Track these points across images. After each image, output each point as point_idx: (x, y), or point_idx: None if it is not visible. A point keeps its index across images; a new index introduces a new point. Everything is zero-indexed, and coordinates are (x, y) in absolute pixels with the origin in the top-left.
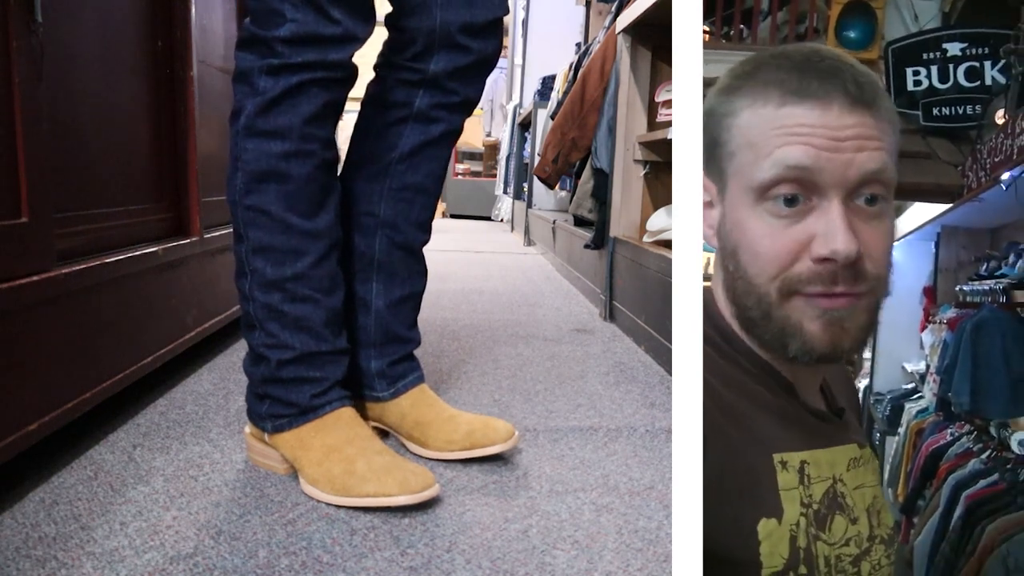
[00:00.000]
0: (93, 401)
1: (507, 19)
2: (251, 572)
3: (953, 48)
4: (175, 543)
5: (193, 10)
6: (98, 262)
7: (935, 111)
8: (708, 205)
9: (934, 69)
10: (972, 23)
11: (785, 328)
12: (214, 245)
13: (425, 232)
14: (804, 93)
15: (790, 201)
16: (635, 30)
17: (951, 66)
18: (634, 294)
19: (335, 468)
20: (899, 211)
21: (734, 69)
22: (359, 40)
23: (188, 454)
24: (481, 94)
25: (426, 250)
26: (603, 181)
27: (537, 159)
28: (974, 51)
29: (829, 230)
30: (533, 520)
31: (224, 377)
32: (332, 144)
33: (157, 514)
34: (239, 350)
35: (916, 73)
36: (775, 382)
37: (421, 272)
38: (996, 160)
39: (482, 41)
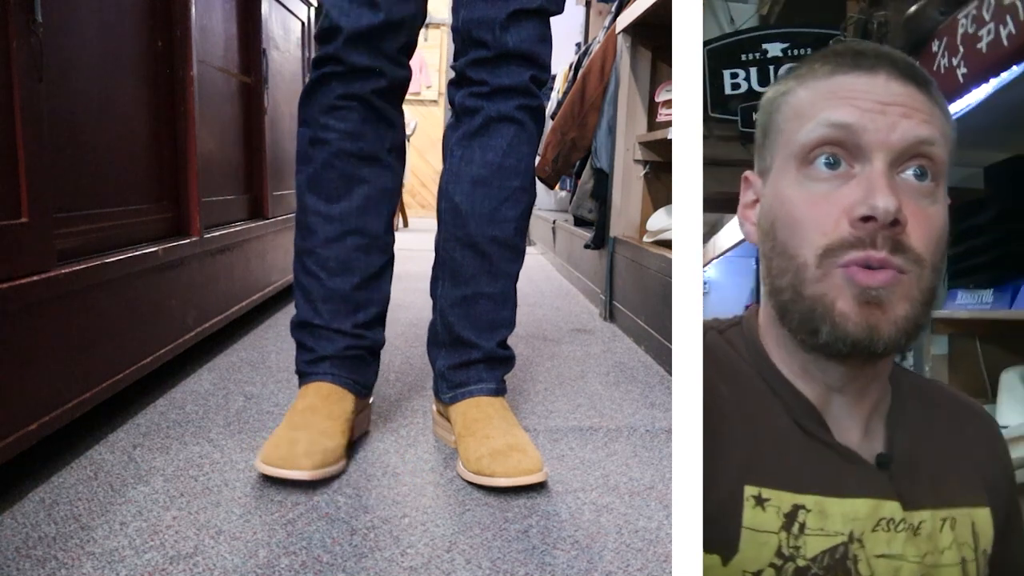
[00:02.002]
0: (93, 401)
1: None
2: (251, 572)
3: (774, 49)
4: (175, 543)
5: (193, 10)
6: (98, 262)
7: (755, 116)
8: (752, 205)
9: (753, 71)
10: (793, 23)
11: (816, 308)
12: (214, 245)
13: (493, 225)
14: (854, 65)
15: (831, 164)
16: (635, 30)
17: (772, 67)
18: (634, 294)
19: (278, 433)
20: (716, 227)
21: (794, 67)
22: (371, 34)
23: (188, 454)
24: (522, 79)
25: (424, 250)
26: (603, 181)
27: (537, 159)
28: (796, 51)
29: (870, 189)
30: (533, 520)
31: (224, 377)
32: (354, 136)
33: (157, 514)
34: (239, 350)
35: (734, 76)
36: (798, 406)
37: (493, 272)
38: None
39: (500, 34)
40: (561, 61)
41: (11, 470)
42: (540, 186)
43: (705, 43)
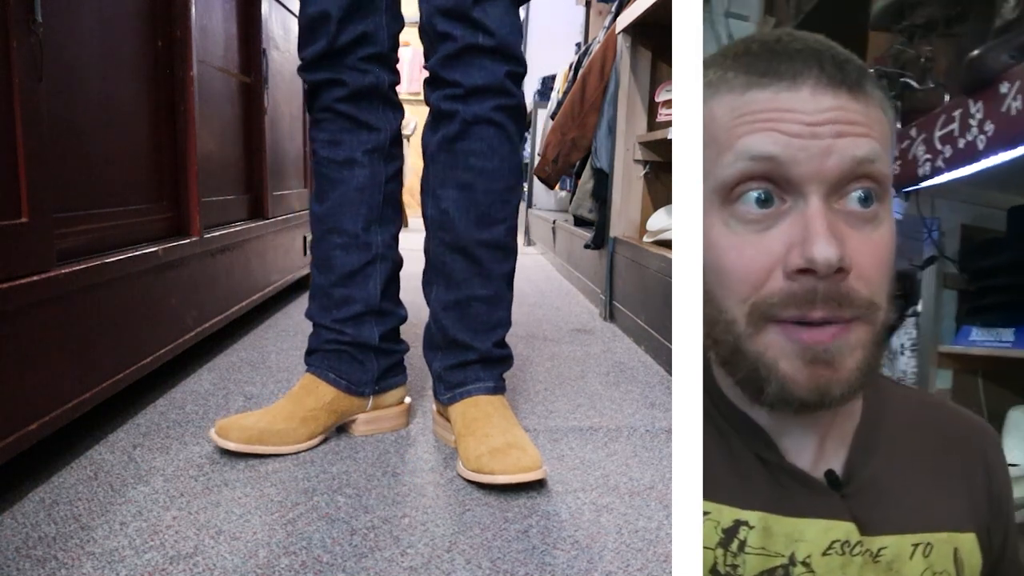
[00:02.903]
0: (93, 401)
1: None
2: (251, 572)
3: None
4: (175, 543)
5: (193, 10)
6: (98, 262)
7: None
8: None
9: None
10: None
11: (759, 367)
12: (214, 245)
13: (481, 230)
14: (771, 74)
15: (761, 201)
16: (635, 30)
17: None
18: (634, 294)
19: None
20: None
21: (707, 60)
22: (324, 56)
23: (188, 454)
24: (497, 77)
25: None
26: (603, 181)
27: (537, 159)
28: None
29: (806, 233)
30: (533, 520)
31: (224, 377)
32: (332, 143)
33: (157, 514)
34: (239, 350)
35: None
36: (745, 430)
37: (485, 275)
38: None
39: (465, 26)
40: (561, 61)
41: (11, 470)
42: (540, 186)
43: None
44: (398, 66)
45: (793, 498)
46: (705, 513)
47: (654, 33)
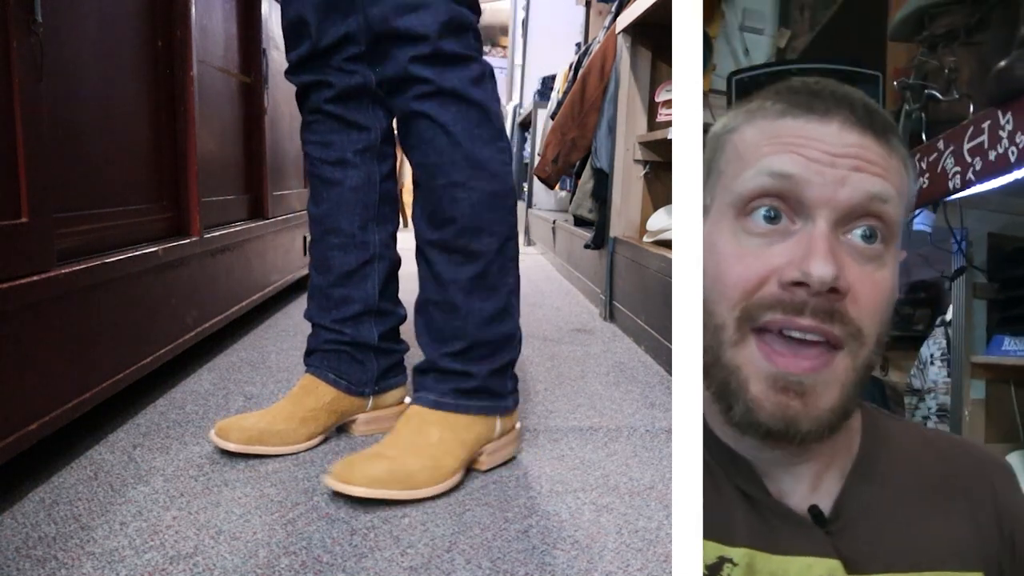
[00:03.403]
0: (93, 401)
1: (507, 19)
2: (251, 572)
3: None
4: (175, 543)
5: (193, 10)
6: (98, 262)
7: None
8: None
9: None
10: (824, 59)
11: (731, 381)
12: (214, 245)
13: (432, 230)
14: (807, 108)
15: (770, 218)
16: (635, 30)
17: None
18: (634, 294)
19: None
20: None
21: (753, 96)
22: (307, 59)
23: (188, 454)
24: (400, 66)
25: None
26: (603, 181)
27: (537, 159)
28: None
29: (807, 251)
30: (533, 520)
31: (224, 377)
32: (324, 144)
33: (157, 514)
34: (239, 350)
35: None
36: (730, 464)
37: (436, 279)
38: None
39: (360, 15)
40: (561, 61)
41: (11, 470)
42: (540, 186)
43: (732, 73)
44: None
45: (777, 534)
46: None
47: (654, 33)
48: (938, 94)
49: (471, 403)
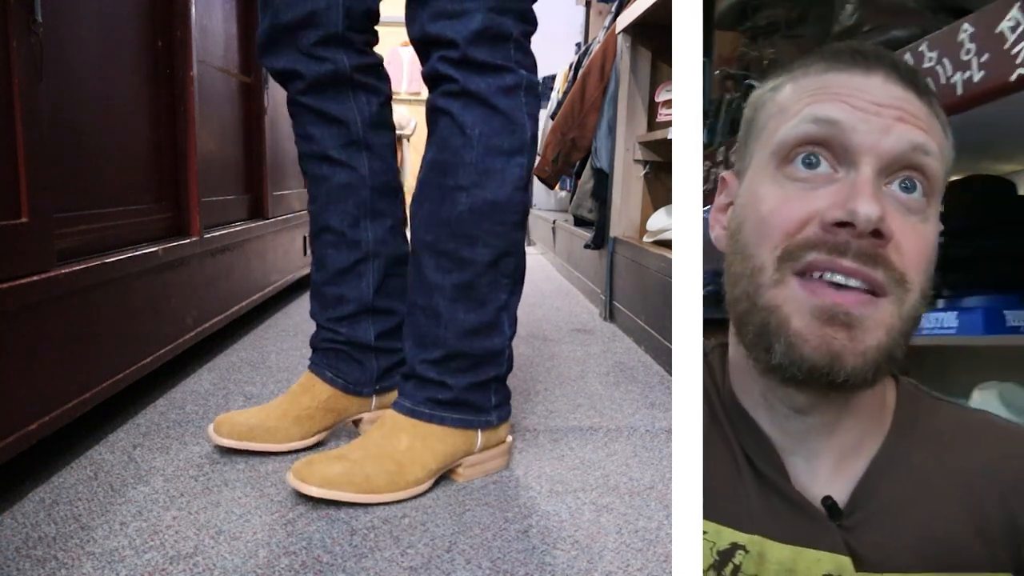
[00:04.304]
0: (93, 401)
1: None
2: (251, 572)
3: None
4: (175, 543)
5: (193, 10)
6: (98, 262)
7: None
8: (724, 208)
9: None
10: None
11: (770, 321)
12: (214, 245)
13: (427, 230)
14: (850, 62)
15: (811, 164)
16: (635, 30)
17: None
18: (634, 294)
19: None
20: None
21: (797, 61)
22: (270, 40)
23: (188, 454)
24: (432, 65)
25: None
26: (603, 181)
27: (537, 159)
28: None
29: (852, 193)
30: (533, 520)
31: (224, 377)
32: (306, 138)
33: (157, 514)
34: (239, 350)
35: None
36: (754, 444)
37: (422, 282)
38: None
39: (410, 23)
40: (561, 61)
41: (11, 470)
42: (540, 186)
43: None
44: (396, 64)
45: (790, 523)
46: (703, 532)
47: (654, 33)
48: (757, 84)
49: (446, 414)
